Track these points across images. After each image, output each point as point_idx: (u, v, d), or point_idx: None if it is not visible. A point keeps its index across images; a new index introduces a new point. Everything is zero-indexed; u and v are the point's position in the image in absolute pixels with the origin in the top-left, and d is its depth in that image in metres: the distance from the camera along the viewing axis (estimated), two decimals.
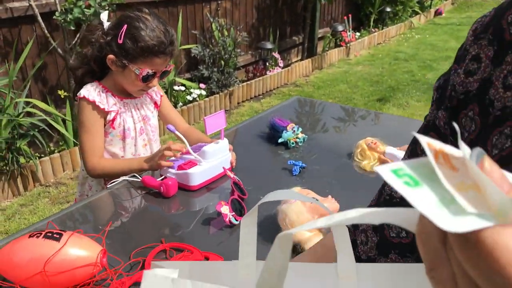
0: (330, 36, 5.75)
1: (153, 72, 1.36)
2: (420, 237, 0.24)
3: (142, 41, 1.30)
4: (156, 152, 1.34)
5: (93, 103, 1.37)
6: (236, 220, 1.09)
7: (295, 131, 1.53)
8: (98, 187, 1.51)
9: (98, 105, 1.38)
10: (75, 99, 1.43)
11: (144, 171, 1.34)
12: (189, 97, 3.85)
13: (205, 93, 3.98)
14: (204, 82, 4.08)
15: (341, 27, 5.74)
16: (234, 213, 1.09)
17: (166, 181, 1.22)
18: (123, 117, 1.44)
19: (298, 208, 0.98)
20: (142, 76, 1.35)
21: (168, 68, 1.42)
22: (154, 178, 1.27)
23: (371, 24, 6.63)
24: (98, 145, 1.41)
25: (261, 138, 1.59)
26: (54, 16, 2.76)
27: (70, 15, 2.72)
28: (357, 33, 6.29)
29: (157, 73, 1.38)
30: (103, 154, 1.43)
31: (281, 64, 4.88)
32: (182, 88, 3.90)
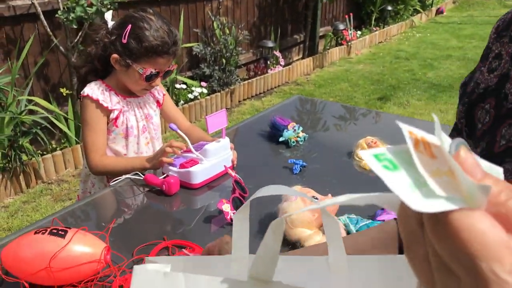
0: (331, 34, 5.75)
1: (157, 72, 1.38)
2: (400, 218, 0.26)
3: (146, 41, 1.32)
4: (158, 151, 1.36)
5: (97, 101, 1.39)
6: None
7: (296, 130, 1.54)
8: (101, 184, 1.53)
9: (102, 103, 1.39)
10: (78, 97, 1.45)
11: (146, 169, 1.35)
12: (190, 95, 3.87)
13: (207, 91, 4.00)
14: (205, 80, 4.10)
15: (342, 26, 5.74)
16: (235, 211, 1.10)
17: (168, 179, 1.23)
18: (126, 116, 1.45)
19: (298, 206, 1.00)
20: (146, 76, 1.36)
21: (171, 68, 1.43)
22: (156, 176, 1.29)
23: (372, 22, 6.63)
24: (101, 143, 1.43)
25: (262, 137, 1.60)
26: (57, 15, 2.77)
27: (72, 14, 2.73)
28: (358, 32, 6.29)
29: (160, 73, 1.40)
30: (105, 151, 1.45)
31: (282, 63, 4.89)
32: (184, 86, 3.91)
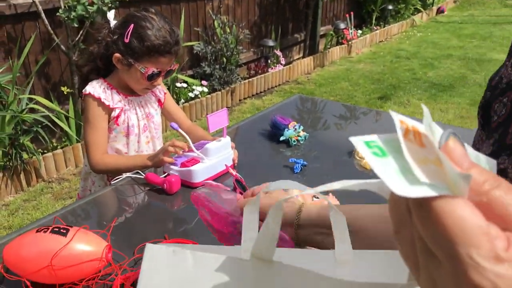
0: (332, 33, 5.75)
1: (158, 71, 1.38)
2: (391, 204, 0.27)
3: (148, 40, 1.32)
4: (160, 149, 1.36)
5: (99, 99, 1.39)
6: None
7: (296, 129, 1.54)
8: (101, 182, 1.53)
9: (104, 101, 1.39)
10: (80, 95, 1.45)
11: (147, 168, 1.36)
12: (191, 94, 3.87)
13: (207, 90, 4.00)
14: (206, 79, 4.10)
15: (343, 25, 5.74)
16: None
17: (169, 178, 1.23)
18: (127, 114, 1.46)
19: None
20: (148, 75, 1.37)
21: (173, 67, 1.44)
22: (157, 175, 1.29)
23: (373, 22, 6.63)
24: (102, 141, 1.43)
25: (263, 136, 1.60)
26: (58, 13, 2.77)
27: (73, 12, 2.73)
28: (359, 31, 6.29)
29: (162, 72, 1.40)
30: (106, 150, 1.45)
31: (283, 62, 4.89)
32: (184, 85, 3.91)
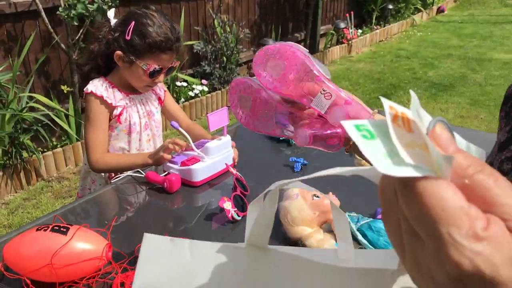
0: (333, 33, 5.75)
1: (160, 68, 1.38)
2: (380, 188, 0.28)
3: (150, 37, 1.32)
4: (160, 147, 1.36)
5: (101, 98, 1.39)
6: (238, 216, 1.11)
7: None
8: (101, 181, 1.53)
9: (106, 100, 1.39)
10: (81, 94, 1.45)
11: (148, 166, 1.36)
12: (191, 93, 3.87)
13: (207, 89, 4.00)
14: (206, 78, 4.10)
15: (343, 24, 5.74)
16: (236, 209, 1.11)
17: (169, 176, 1.23)
18: (129, 112, 1.46)
19: (299, 205, 1.00)
20: (149, 72, 1.37)
21: (174, 65, 1.44)
22: (157, 174, 1.29)
23: (373, 21, 6.63)
24: (103, 139, 1.43)
25: (263, 135, 1.60)
26: (58, 12, 2.77)
27: (73, 11, 2.73)
28: (359, 30, 6.28)
29: (164, 69, 1.40)
30: (107, 149, 1.45)
31: None
32: (184, 84, 3.91)
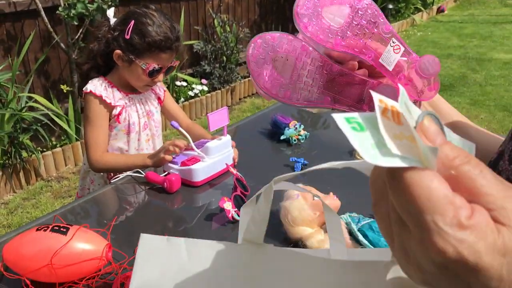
0: None
1: (159, 67, 1.38)
2: (371, 179, 0.29)
3: (149, 36, 1.32)
4: (160, 148, 1.36)
5: (100, 97, 1.39)
6: (238, 216, 1.10)
7: (297, 128, 1.54)
8: (101, 180, 1.53)
9: (105, 99, 1.39)
10: (80, 94, 1.45)
11: (147, 167, 1.35)
12: (191, 93, 3.86)
13: (207, 89, 3.99)
14: (206, 78, 4.09)
15: None
16: (236, 209, 1.10)
17: (169, 176, 1.23)
18: (128, 112, 1.45)
19: (300, 205, 1.00)
20: (149, 71, 1.36)
21: (174, 64, 1.43)
22: (157, 174, 1.29)
23: None
24: (102, 139, 1.43)
25: (263, 135, 1.60)
26: (57, 11, 2.77)
27: (73, 10, 2.73)
28: None
29: (163, 69, 1.40)
30: (107, 148, 1.45)
31: None
32: (184, 84, 3.91)
